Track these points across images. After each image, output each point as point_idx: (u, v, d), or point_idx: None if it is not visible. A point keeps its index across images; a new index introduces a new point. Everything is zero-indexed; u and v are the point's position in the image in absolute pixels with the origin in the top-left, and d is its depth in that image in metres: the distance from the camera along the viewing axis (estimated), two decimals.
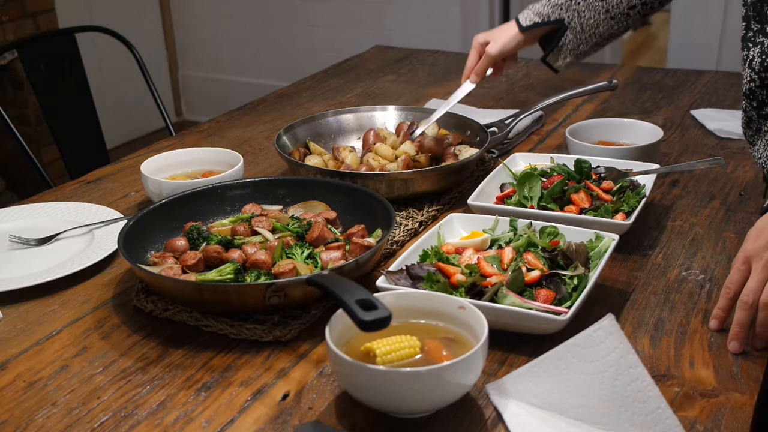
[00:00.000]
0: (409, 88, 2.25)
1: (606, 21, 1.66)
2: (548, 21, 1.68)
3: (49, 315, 1.20)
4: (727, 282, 1.09)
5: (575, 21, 1.66)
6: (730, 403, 0.96)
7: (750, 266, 1.07)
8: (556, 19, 1.67)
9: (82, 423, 0.96)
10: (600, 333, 0.92)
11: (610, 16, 1.66)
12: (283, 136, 1.64)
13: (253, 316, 1.14)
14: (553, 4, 1.68)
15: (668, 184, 1.56)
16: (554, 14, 1.67)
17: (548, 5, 1.69)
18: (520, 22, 1.70)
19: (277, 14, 4.53)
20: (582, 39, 1.68)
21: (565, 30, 1.67)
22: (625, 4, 1.64)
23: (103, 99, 2.94)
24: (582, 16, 1.65)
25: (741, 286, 1.07)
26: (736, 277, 1.08)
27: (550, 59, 1.74)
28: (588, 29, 1.67)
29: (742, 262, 1.08)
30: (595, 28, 1.67)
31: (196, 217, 1.35)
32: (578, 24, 1.66)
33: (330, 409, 0.97)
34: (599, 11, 1.64)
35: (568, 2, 1.66)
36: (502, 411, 0.95)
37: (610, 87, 1.75)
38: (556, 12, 1.67)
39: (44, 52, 2.34)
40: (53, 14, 3.79)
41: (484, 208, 1.36)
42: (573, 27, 1.66)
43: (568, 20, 1.66)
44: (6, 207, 1.52)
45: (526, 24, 1.69)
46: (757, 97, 1.15)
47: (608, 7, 1.64)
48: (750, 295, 1.05)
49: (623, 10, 1.65)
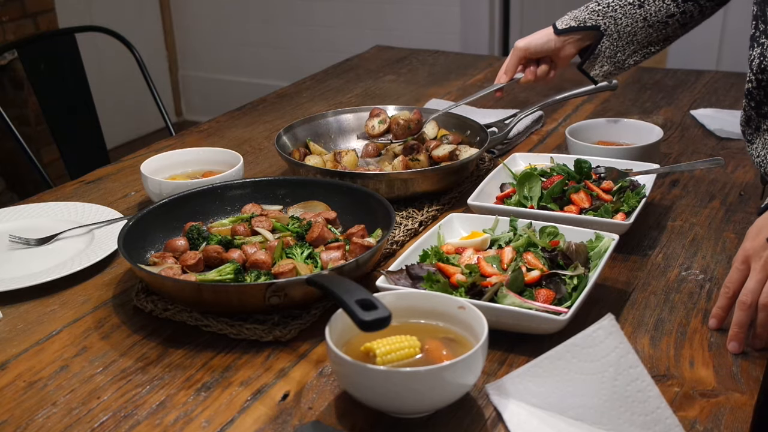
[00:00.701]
0: (409, 88, 2.25)
1: (644, 29, 1.61)
2: (584, 26, 1.63)
3: (49, 315, 1.20)
4: (726, 281, 1.09)
5: (612, 28, 1.61)
6: (730, 403, 0.96)
7: (749, 266, 1.07)
8: (593, 25, 1.62)
9: (82, 423, 0.96)
10: (600, 333, 0.92)
11: (648, 24, 1.60)
12: (283, 136, 1.64)
13: (253, 316, 1.14)
14: (591, 10, 1.63)
15: (668, 184, 1.56)
16: (591, 20, 1.62)
17: (586, 11, 1.64)
18: (556, 25, 1.66)
19: (277, 14, 4.53)
20: (619, 46, 1.63)
21: (601, 37, 1.62)
22: (663, 12, 1.59)
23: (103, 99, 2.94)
24: (619, 24, 1.60)
25: (740, 285, 1.07)
26: (736, 276, 1.08)
27: (586, 67, 1.68)
28: (625, 36, 1.62)
29: (741, 261, 1.08)
30: (632, 36, 1.61)
31: (196, 217, 1.35)
32: (615, 31, 1.61)
33: (330, 409, 0.98)
34: (637, 19, 1.60)
35: (605, 9, 1.61)
36: (502, 411, 0.95)
37: (610, 87, 1.75)
38: (593, 18, 1.62)
39: (44, 52, 2.34)
40: (53, 14, 3.79)
41: (484, 208, 1.36)
42: (609, 34, 1.61)
43: (605, 27, 1.61)
44: (6, 207, 1.52)
45: (561, 27, 1.64)
46: (755, 98, 1.15)
47: (646, 15, 1.59)
48: (749, 295, 1.05)
49: (661, 19, 1.60)
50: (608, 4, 1.62)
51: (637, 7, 1.59)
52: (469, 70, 2.41)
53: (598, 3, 1.63)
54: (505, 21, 4.03)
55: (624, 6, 1.60)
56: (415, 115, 1.62)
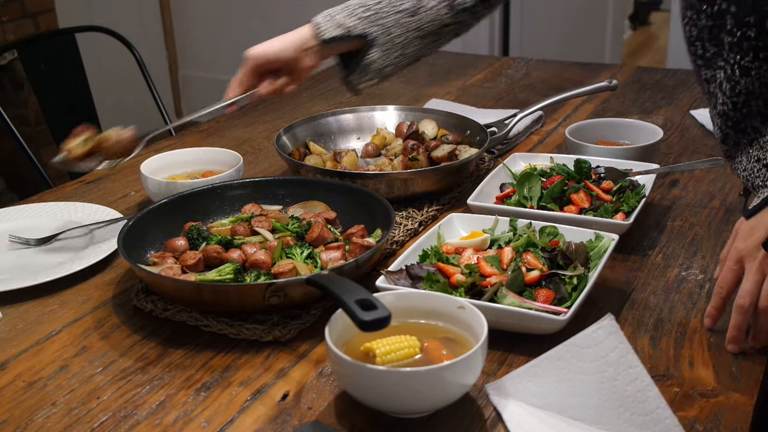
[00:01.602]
0: (409, 88, 2.25)
1: (416, 40, 1.44)
2: (351, 35, 1.41)
3: (48, 315, 1.20)
4: (720, 281, 1.08)
5: (382, 38, 1.42)
6: (730, 403, 0.96)
7: (743, 266, 1.05)
8: (361, 33, 1.41)
9: (82, 423, 0.96)
10: (599, 333, 0.92)
11: (421, 36, 1.44)
12: (283, 136, 1.64)
13: (252, 316, 1.14)
14: (357, 16, 1.42)
15: (668, 184, 1.56)
16: (359, 27, 1.41)
17: (352, 16, 1.42)
18: (322, 33, 1.43)
19: (277, 14, 4.53)
20: (390, 59, 1.45)
21: (370, 47, 1.42)
22: (438, 22, 1.43)
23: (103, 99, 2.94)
24: (390, 33, 1.41)
25: (734, 285, 1.06)
26: (729, 276, 1.07)
27: (353, 79, 1.47)
28: (397, 48, 1.43)
29: (735, 261, 1.06)
30: (404, 48, 1.44)
31: (196, 217, 1.35)
32: (386, 41, 1.42)
33: (330, 409, 0.98)
34: (410, 29, 1.42)
35: (374, 15, 1.41)
36: (502, 411, 0.95)
37: (610, 87, 1.75)
38: (361, 25, 1.41)
39: (44, 52, 2.34)
40: (53, 14, 3.79)
41: (483, 208, 1.36)
42: (380, 44, 1.42)
43: (375, 36, 1.41)
44: (6, 207, 1.52)
45: (328, 36, 1.42)
46: (731, 118, 1.13)
47: (420, 25, 1.42)
48: (747, 297, 1.04)
49: (435, 29, 1.44)
50: (377, 11, 1.42)
51: (409, 15, 1.42)
52: (469, 70, 2.41)
53: (366, 8, 1.42)
54: (505, 21, 4.02)
55: (395, 14, 1.42)
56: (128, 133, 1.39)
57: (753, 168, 1.11)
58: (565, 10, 4.45)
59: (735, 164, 1.16)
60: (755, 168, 1.10)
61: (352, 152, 1.59)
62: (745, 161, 1.13)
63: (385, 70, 1.47)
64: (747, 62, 1.07)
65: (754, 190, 1.12)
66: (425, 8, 1.42)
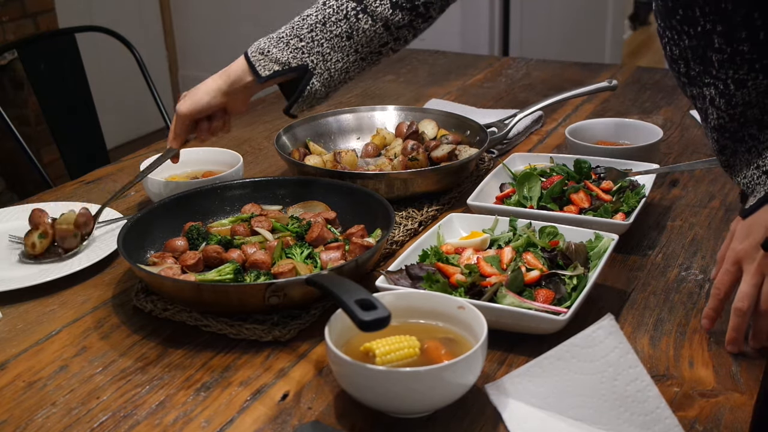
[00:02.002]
0: (409, 88, 2.25)
1: (356, 63, 1.42)
2: (289, 68, 1.40)
3: (48, 315, 1.20)
4: (717, 284, 1.07)
5: (321, 66, 1.39)
6: (730, 403, 0.96)
7: (740, 267, 1.05)
8: (298, 65, 1.39)
9: (82, 423, 0.96)
10: (599, 333, 0.92)
11: (361, 57, 1.42)
12: (282, 136, 1.64)
13: (252, 316, 1.14)
14: (292, 48, 1.39)
15: (668, 184, 1.56)
16: (296, 60, 1.39)
17: (286, 49, 1.40)
18: (258, 72, 1.40)
19: (277, 14, 4.52)
20: (331, 86, 1.43)
21: (310, 78, 1.40)
22: (376, 42, 1.41)
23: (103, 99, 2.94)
24: (328, 60, 1.39)
25: (731, 287, 1.06)
26: (727, 278, 1.06)
27: (295, 110, 1.45)
28: (337, 75, 1.42)
29: (732, 263, 1.05)
30: (345, 73, 1.42)
31: (196, 217, 1.35)
32: (325, 69, 1.40)
33: (329, 409, 0.98)
34: (348, 53, 1.40)
35: (309, 44, 1.39)
36: (502, 411, 0.95)
37: (610, 87, 1.75)
38: (298, 57, 1.39)
39: (44, 52, 2.34)
40: (53, 14, 3.79)
41: (483, 208, 1.36)
42: (320, 73, 1.40)
43: (313, 65, 1.39)
44: (6, 207, 1.52)
45: (265, 74, 1.40)
46: (729, 129, 1.13)
47: (357, 47, 1.40)
48: (745, 301, 1.03)
49: (374, 49, 1.42)
50: (312, 38, 1.40)
51: (345, 39, 1.40)
52: (469, 70, 2.41)
53: (299, 38, 1.40)
54: (505, 21, 4.02)
55: (330, 39, 1.40)
56: (80, 215, 1.35)
57: (753, 175, 1.10)
58: (565, 10, 4.45)
59: (734, 173, 1.15)
60: (755, 175, 1.10)
61: (352, 152, 1.59)
62: (744, 169, 1.12)
63: (328, 95, 1.46)
64: (742, 75, 1.06)
65: (752, 194, 1.12)
66: (360, 30, 1.39)
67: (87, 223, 1.36)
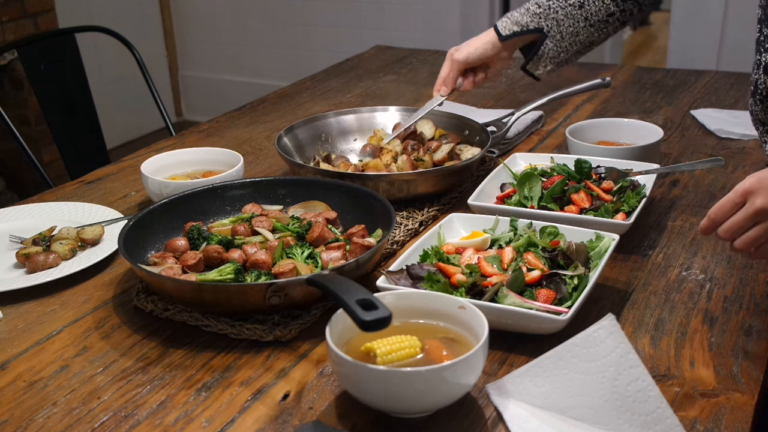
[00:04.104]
0: (409, 88, 2.25)
1: (585, 29, 1.66)
2: (527, 30, 1.67)
3: (49, 315, 1.20)
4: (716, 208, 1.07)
5: (554, 29, 1.65)
6: (730, 403, 0.96)
7: (745, 201, 1.04)
8: (535, 28, 1.66)
9: (83, 423, 0.96)
10: (600, 333, 0.92)
11: (590, 24, 1.65)
12: (284, 137, 1.64)
13: (253, 316, 1.14)
14: (532, 13, 1.67)
15: (668, 184, 1.56)
16: (533, 23, 1.66)
17: (527, 14, 1.67)
18: (499, 31, 1.68)
19: (277, 14, 4.53)
20: (562, 47, 1.68)
21: (544, 39, 1.67)
22: (603, 12, 1.64)
23: (103, 99, 2.94)
24: (561, 25, 1.65)
25: (727, 217, 1.06)
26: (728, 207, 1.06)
27: (530, 67, 1.73)
28: (568, 37, 1.66)
29: (741, 194, 1.05)
30: (574, 36, 1.66)
31: (196, 217, 1.35)
32: (558, 32, 1.66)
33: (330, 409, 0.98)
34: (578, 19, 1.64)
35: (546, 11, 1.65)
36: (503, 411, 0.95)
37: (604, 84, 1.75)
38: (535, 21, 1.66)
39: (44, 52, 2.34)
40: (53, 14, 3.79)
41: (484, 208, 1.36)
42: (552, 35, 1.66)
43: (548, 29, 1.66)
44: (6, 207, 1.52)
45: (505, 33, 1.67)
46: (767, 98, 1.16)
47: (587, 15, 1.64)
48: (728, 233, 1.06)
49: (602, 18, 1.65)
50: (549, 6, 1.65)
51: (577, 8, 1.64)
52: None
53: (538, 5, 1.66)
54: None
55: (565, 8, 1.64)
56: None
57: None
58: None
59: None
60: None
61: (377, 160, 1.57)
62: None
63: (560, 57, 1.70)
64: None
65: None
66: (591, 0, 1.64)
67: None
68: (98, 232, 1.37)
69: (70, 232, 1.36)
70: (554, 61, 1.70)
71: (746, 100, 2.01)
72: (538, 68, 1.72)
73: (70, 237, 1.35)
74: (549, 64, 1.71)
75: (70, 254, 1.33)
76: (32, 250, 1.32)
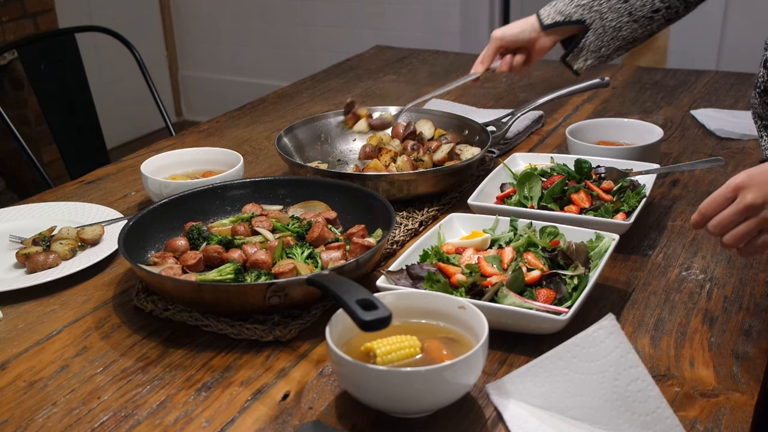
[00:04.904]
0: (409, 88, 2.25)
1: (629, 24, 1.64)
2: (570, 21, 1.65)
3: (49, 315, 1.20)
4: (707, 203, 1.05)
5: (597, 22, 1.64)
6: (730, 403, 0.96)
7: (736, 196, 1.02)
8: (578, 19, 1.65)
9: (83, 423, 0.96)
10: (600, 333, 0.92)
11: (633, 20, 1.64)
12: (283, 138, 1.64)
13: (253, 316, 1.14)
14: (576, 4, 1.66)
15: (668, 184, 1.56)
16: (576, 14, 1.65)
17: (571, 4, 1.66)
18: (542, 20, 1.68)
19: (277, 14, 4.53)
20: (604, 41, 1.66)
21: (586, 31, 1.65)
22: (648, 7, 1.62)
23: (103, 99, 2.94)
24: (604, 18, 1.63)
25: (717, 212, 1.04)
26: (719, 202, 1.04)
27: (569, 60, 1.72)
28: (610, 31, 1.65)
29: (733, 189, 1.03)
30: (617, 31, 1.65)
31: (196, 217, 1.35)
32: (600, 26, 1.64)
33: (330, 409, 0.98)
34: (622, 14, 1.62)
35: (590, 2, 1.64)
36: (503, 411, 0.95)
37: (602, 84, 1.75)
38: (578, 12, 1.65)
39: (44, 52, 2.34)
40: (53, 14, 3.79)
41: (484, 208, 1.36)
42: (595, 28, 1.64)
43: (590, 21, 1.64)
44: (6, 207, 1.52)
45: (547, 22, 1.67)
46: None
47: (631, 9, 1.62)
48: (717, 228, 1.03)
49: (646, 14, 1.63)
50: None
51: (622, 1, 1.61)
52: (469, 70, 2.41)
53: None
54: (505, 21, 4.03)
55: (609, 1, 1.63)
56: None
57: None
58: None
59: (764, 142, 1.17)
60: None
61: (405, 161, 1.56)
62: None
63: (601, 51, 1.68)
64: None
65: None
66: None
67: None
68: (98, 232, 1.37)
69: (70, 232, 1.36)
70: (595, 55, 1.69)
71: (746, 101, 2.01)
72: (578, 61, 1.70)
73: (70, 237, 1.35)
74: (589, 57, 1.69)
75: (70, 254, 1.33)
76: (32, 250, 1.32)
